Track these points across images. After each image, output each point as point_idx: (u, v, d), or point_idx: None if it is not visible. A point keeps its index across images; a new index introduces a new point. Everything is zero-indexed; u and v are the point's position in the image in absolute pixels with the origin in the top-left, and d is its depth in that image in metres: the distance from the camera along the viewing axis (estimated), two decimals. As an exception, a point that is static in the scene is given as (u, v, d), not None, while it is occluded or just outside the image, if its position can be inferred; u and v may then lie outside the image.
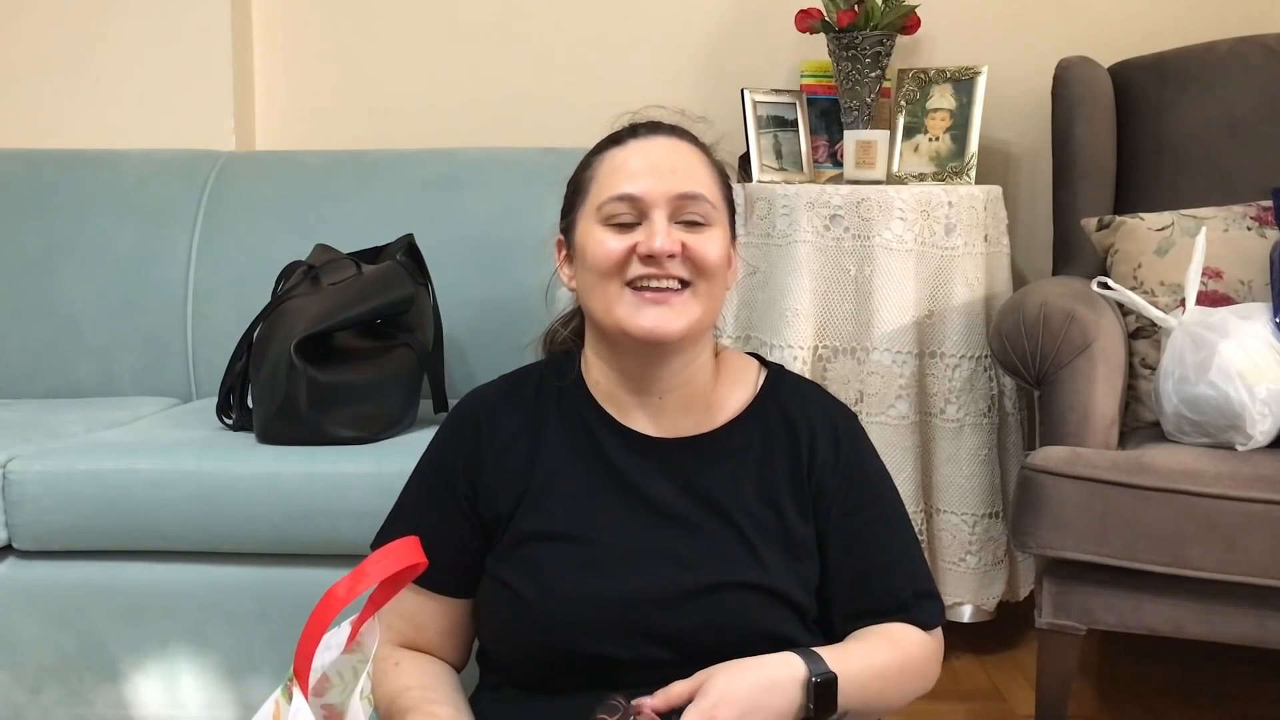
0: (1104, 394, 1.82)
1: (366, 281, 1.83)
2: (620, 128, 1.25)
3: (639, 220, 1.17)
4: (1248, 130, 2.26)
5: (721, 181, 1.24)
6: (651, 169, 1.18)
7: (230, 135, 2.56)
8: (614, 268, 1.17)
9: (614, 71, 2.57)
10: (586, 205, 1.21)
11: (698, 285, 1.18)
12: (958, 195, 2.15)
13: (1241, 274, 1.98)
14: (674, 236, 1.16)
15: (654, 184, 1.17)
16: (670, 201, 1.17)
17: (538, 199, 2.23)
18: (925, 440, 2.17)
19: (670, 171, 1.18)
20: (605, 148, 1.24)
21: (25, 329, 2.23)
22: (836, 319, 2.15)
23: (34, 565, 1.71)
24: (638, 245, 1.16)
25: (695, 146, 1.24)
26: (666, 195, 1.17)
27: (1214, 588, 1.69)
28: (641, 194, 1.17)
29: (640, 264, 1.16)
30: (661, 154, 1.20)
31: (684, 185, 1.18)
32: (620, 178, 1.19)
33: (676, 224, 1.18)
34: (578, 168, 1.26)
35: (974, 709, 2.05)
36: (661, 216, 1.17)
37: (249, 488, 1.65)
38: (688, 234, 1.18)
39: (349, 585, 0.95)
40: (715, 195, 1.21)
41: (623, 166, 1.20)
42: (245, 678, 1.70)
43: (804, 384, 1.34)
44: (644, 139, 1.22)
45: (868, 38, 2.28)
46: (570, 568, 1.18)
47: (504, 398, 1.28)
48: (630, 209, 1.17)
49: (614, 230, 1.18)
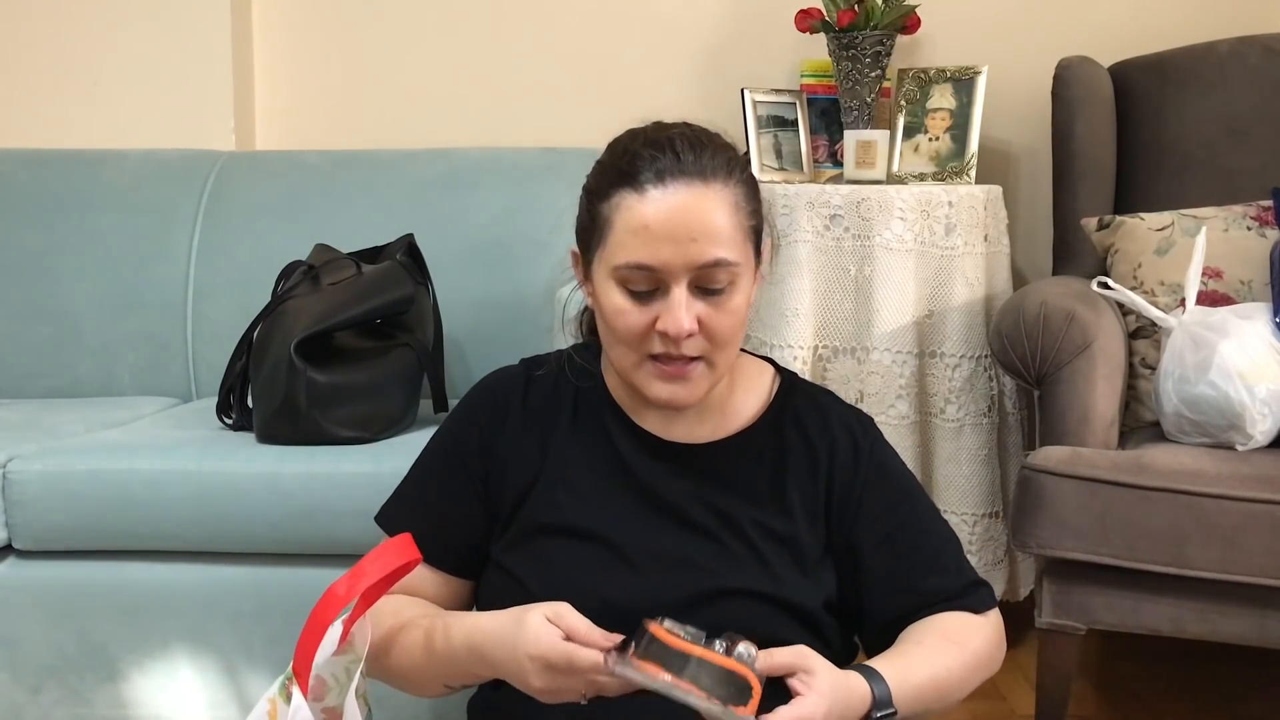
0: (1104, 394, 1.82)
1: (366, 281, 1.83)
2: (637, 142, 1.16)
3: (657, 287, 1.13)
4: (1248, 130, 2.26)
5: (749, 214, 1.17)
6: (670, 234, 1.11)
7: (230, 135, 2.56)
8: (633, 341, 1.15)
9: (614, 71, 2.57)
10: (604, 254, 1.16)
11: (713, 357, 1.15)
12: (958, 195, 2.15)
13: (1241, 274, 1.98)
14: (692, 312, 1.12)
15: (673, 254, 1.11)
16: (690, 271, 1.12)
17: (538, 199, 2.24)
18: (925, 440, 2.17)
19: (690, 239, 1.11)
20: (621, 184, 1.14)
21: (25, 329, 2.23)
22: (836, 319, 2.15)
23: (34, 565, 1.71)
24: (657, 321, 1.13)
25: (719, 184, 1.14)
26: (686, 266, 1.11)
27: (1214, 587, 1.69)
28: (660, 265, 1.11)
29: (659, 340, 1.14)
30: (681, 212, 1.11)
31: (705, 254, 1.11)
32: (638, 243, 1.12)
33: (695, 292, 1.13)
34: (591, 186, 1.19)
35: (974, 709, 2.05)
36: (681, 290, 1.12)
37: (249, 487, 1.65)
38: (706, 305, 1.13)
39: (348, 584, 0.95)
40: (739, 246, 1.14)
41: (640, 228, 1.12)
42: (245, 678, 1.70)
43: (818, 391, 1.32)
44: (662, 186, 1.12)
45: (868, 37, 2.28)
46: (580, 566, 1.18)
47: (523, 383, 1.28)
48: (648, 279, 1.13)
49: (632, 298, 1.14)
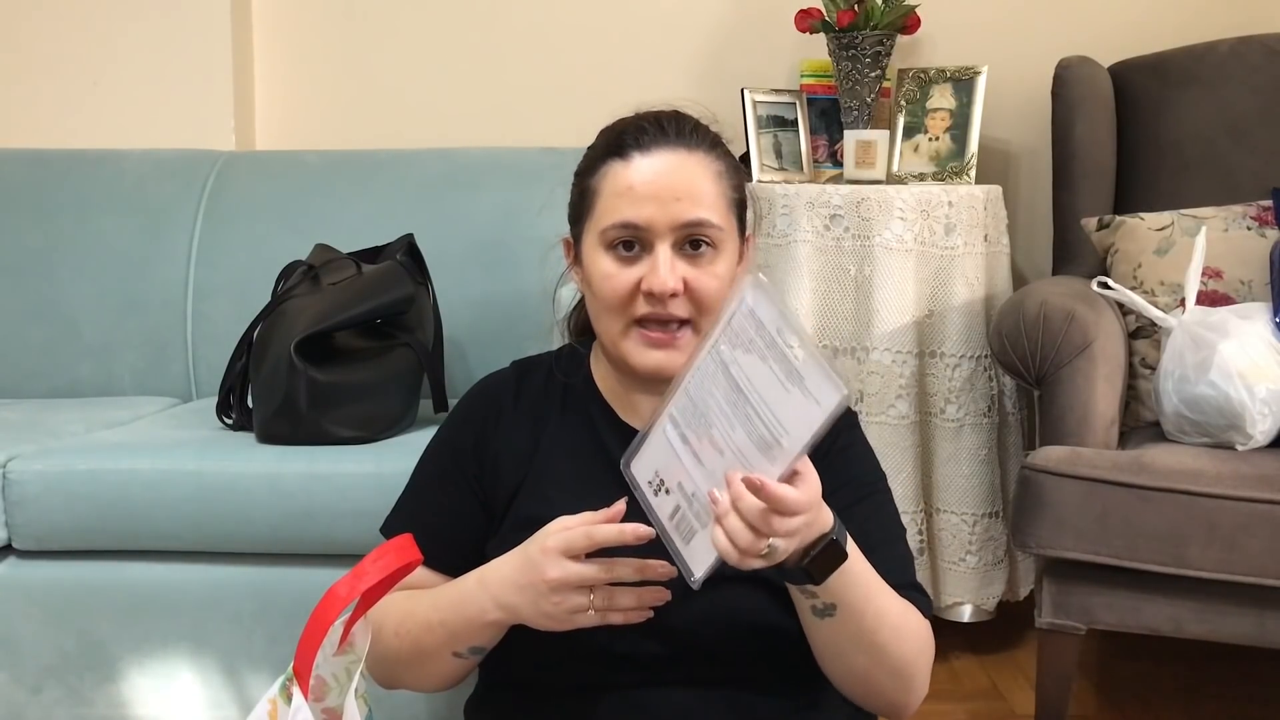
0: (1104, 394, 1.82)
1: (366, 281, 1.83)
2: (625, 122, 1.21)
3: (643, 248, 1.16)
4: (1248, 130, 2.26)
5: (732, 188, 1.20)
6: (654, 194, 1.14)
7: (230, 135, 2.56)
8: (620, 304, 1.16)
9: (614, 71, 2.57)
10: (592, 222, 1.19)
11: (699, 321, 1.16)
12: (958, 195, 2.15)
13: (1241, 274, 1.98)
14: (677, 272, 1.14)
15: (657, 212, 1.14)
16: (674, 230, 1.15)
17: (538, 199, 2.24)
18: (925, 440, 2.17)
19: (674, 198, 1.14)
20: (608, 156, 1.19)
21: (25, 329, 2.23)
22: (836, 319, 2.15)
23: (34, 565, 1.71)
24: (642, 281, 1.15)
25: (704, 153, 1.19)
26: (670, 224, 1.14)
27: (1214, 587, 1.69)
28: (644, 223, 1.14)
29: (645, 301, 1.16)
30: (665, 174, 1.16)
31: (688, 212, 1.14)
32: (623, 203, 1.15)
33: (680, 252, 1.16)
34: (582, 167, 1.23)
35: (974, 709, 2.05)
36: (665, 248, 1.15)
37: (249, 488, 1.65)
38: (691, 266, 1.15)
39: (349, 584, 0.95)
40: (722, 212, 1.17)
41: (625, 190, 1.16)
42: (245, 678, 1.70)
43: None
44: (647, 153, 1.17)
45: (868, 37, 2.28)
46: None
47: (515, 384, 1.30)
48: (633, 236, 1.16)
49: (618, 259, 1.16)
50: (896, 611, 1.12)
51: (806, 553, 1.00)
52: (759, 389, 0.96)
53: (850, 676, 1.14)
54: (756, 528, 0.94)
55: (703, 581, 1.00)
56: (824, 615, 1.06)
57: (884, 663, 1.12)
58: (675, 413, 1.04)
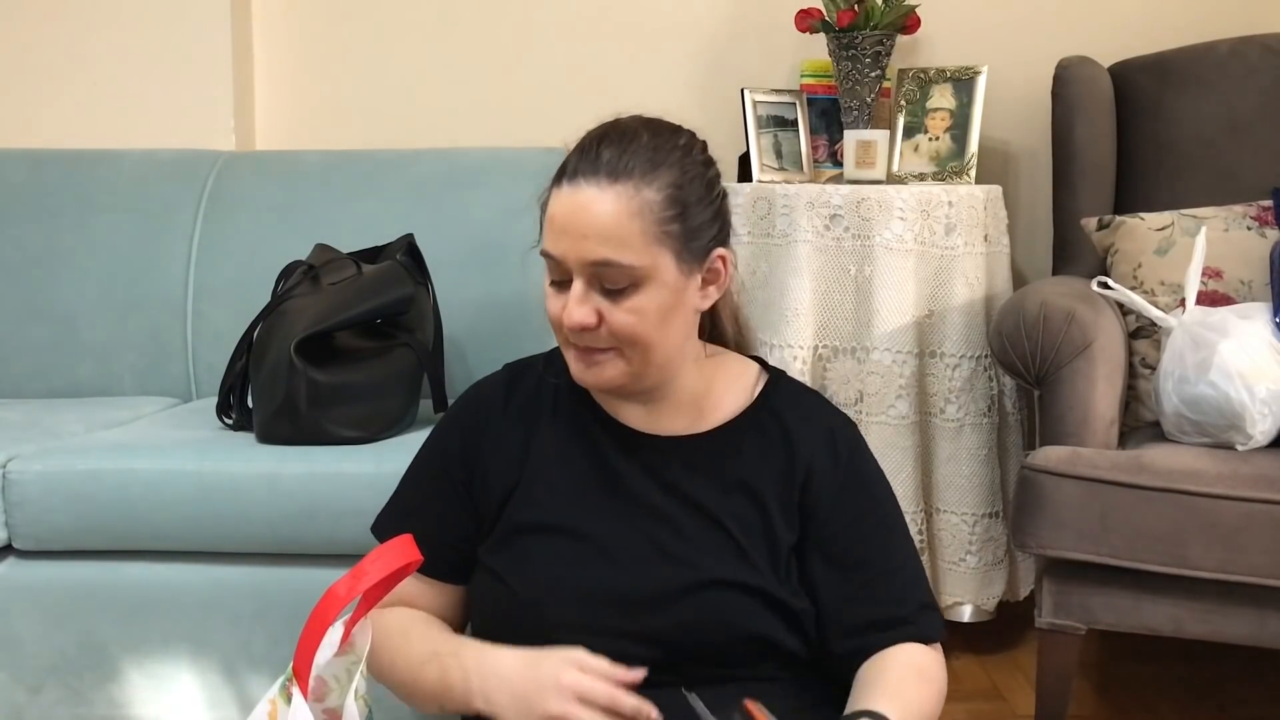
0: (1104, 394, 1.82)
1: (366, 281, 1.83)
2: (580, 141, 1.18)
3: (569, 278, 1.15)
4: (1248, 130, 2.26)
5: (660, 219, 1.13)
6: (565, 229, 1.13)
7: (230, 135, 2.56)
8: (556, 325, 1.17)
9: (614, 71, 2.57)
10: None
11: (625, 351, 1.16)
12: (958, 195, 2.15)
13: (1241, 274, 1.98)
14: (590, 306, 1.13)
15: (569, 248, 1.13)
16: (585, 268, 1.13)
17: (538, 199, 2.24)
18: (925, 440, 2.17)
19: (582, 236, 1.11)
20: (556, 177, 1.17)
21: (25, 329, 2.23)
22: (836, 319, 2.15)
23: (34, 565, 1.71)
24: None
25: (624, 186, 1.12)
26: (578, 261, 1.12)
27: (1214, 587, 1.69)
28: (559, 256, 1.14)
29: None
30: (576, 210, 1.12)
31: (595, 252, 1.11)
32: (549, 233, 1.15)
33: (598, 288, 1.14)
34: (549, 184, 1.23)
35: (974, 709, 2.05)
36: (579, 284, 1.13)
37: (249, 488, 1.65)
38: (607, 302, 1.13)
39: (349, 584, 0.95)
40: (639, 251, 1.12)
41: (550, 219, 1.15)
42: (245, 678, 1.70)
43: (803, 391, 1.32)
44: (573, 184, 1.13)
45: (868, 37, 2.28)
46: (557, 560, 1.18)
47: (505, 389, 1.30)
48: (558, 269, 1.15)
49: (553, 285, 1.17)
50: (933, 707, 1.16)
51: None
52: None
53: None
54: None
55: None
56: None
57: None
58: None
